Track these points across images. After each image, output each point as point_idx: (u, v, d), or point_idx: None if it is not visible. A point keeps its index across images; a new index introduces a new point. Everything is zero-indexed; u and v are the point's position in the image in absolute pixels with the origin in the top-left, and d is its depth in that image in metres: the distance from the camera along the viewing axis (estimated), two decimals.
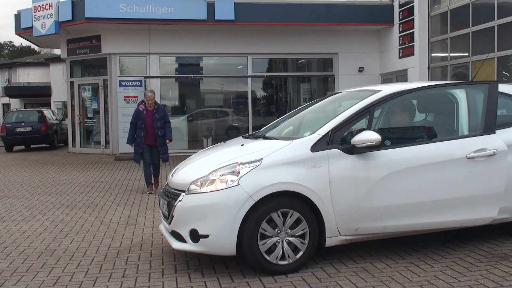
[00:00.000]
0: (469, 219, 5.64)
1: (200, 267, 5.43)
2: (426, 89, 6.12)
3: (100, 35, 18.00)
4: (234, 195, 4.94)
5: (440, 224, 5.59)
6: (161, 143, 10.43)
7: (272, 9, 17.30)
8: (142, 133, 10.29)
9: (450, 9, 15.28)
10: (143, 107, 10.36)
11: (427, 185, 5.42)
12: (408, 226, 5.48)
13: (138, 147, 10.36)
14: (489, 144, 5.60)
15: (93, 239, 6.73)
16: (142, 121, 10.28)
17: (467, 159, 5.51)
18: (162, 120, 10.42)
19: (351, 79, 18.41)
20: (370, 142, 5.16)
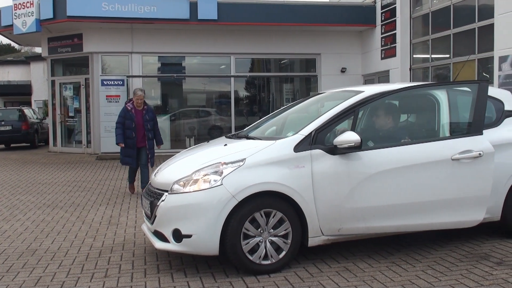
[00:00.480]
0: (455, 221, 5.62)
1: (183, 267, 5.42)
2: (410, 89, 6.07)
3: (81, 34, 17.87)
4: (217, 195, 4.94)
5: (425, 226, 5.60)
6: (151, 146, 9.89)
7: (255, 9, 17.31)
8: (133, 134, 9.71)
9: (432, 11, 15.41)
10: (131, 106, 9.80)
11: (411, 187, 5.40)
12: (392, 227, 5.49)
13: (131, 150, 9.75)
14: (475, 146, 5.54)
15: (75, 239, 6.68)
16: (131, 121, 9.70)
17: (451, 161, 5.47)
18: (152, 122, 9.95)
19: (333, 80, 18.49)
20: (350, 143, 5.16)
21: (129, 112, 9.75)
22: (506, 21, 11.70)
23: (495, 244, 5.96)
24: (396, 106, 6.31)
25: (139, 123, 9.77)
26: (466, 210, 5.57)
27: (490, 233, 6.30)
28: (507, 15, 11.67)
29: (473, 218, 5.64)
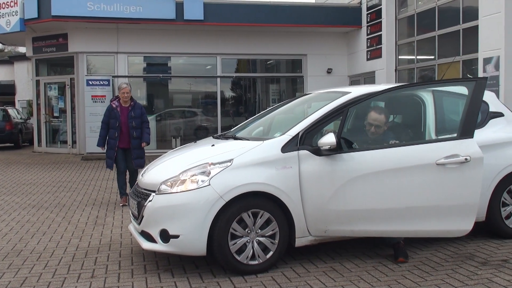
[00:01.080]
0: (441, 230, 5.36)
1: (170, 267, 5.41)
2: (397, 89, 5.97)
3: (67, 34, 17.75)
4: (205, 195, 4.93)
5: (410, 233, 5.41)
6: (136, 146, 8.94)
7: (241, 9, 17.32)
8: (115, 134, 8.86)
9: (417, 12, 15.51)
10: (117, 104, 8.94)
11: (395, 191, 5.21)
12: (377, 232, 5.38)
13: (111, 150, 8.91)
14: (462, 150, 5.19)
15: (61, 240, 6.64)
16: (116, 120, 8.85)
17: (436, 166, 5.18)
18: (139, 119, 8.98)
19: (319, 81, 18.55)
20: (326, 146, 5.15)
21: (114, 110, 8.91)
22: (490, 23, 11.82)
23: (480, 244, 6.02)
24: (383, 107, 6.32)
25: (125, 121, 8.90)
26: (453, 218, 5.26)
27: (475, 234, 6.34)
28: (491, 17, 11.78)
29: (461, 228, 5.30)
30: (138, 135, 8.99)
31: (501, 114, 6.37)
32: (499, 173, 6.06)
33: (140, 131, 9.01)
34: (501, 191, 6.09)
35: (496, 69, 11.54)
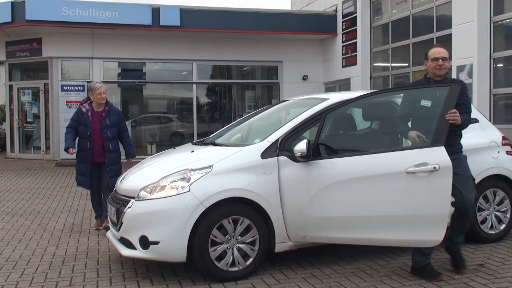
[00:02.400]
0: (413, 239, 5.11)
1: (149, 274, 5.38)
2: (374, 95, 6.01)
3: (41, 38, 17.54)
4: (185, 201, 4.92)
5: (383, 242, 5.32)
6: (112, 161, 7.37)
7: (217, 16, 17.33)
8: (87, 144, 7.30)
9: (392, 20, 15.70)
10: (88, 108, 7.41)
11: (367, 199, 5.11)
12: (351, 240, 5.32)
13: (83, 165, 7.38)
14: (431, 158, 4.93)
15: (37, 247, 6.55)
16: (86, 127, 7.31)
17: (406, 174, 4.98)
18: (115, 128, 7.45)
19: (295, 87, 18.63)
20: (298, 153, 5.16)
21: (84, 115, 7.37)
22: (463, 31, 12.03)
23: None
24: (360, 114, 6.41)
25: (97, 131, 7.35)
26: (424, 228, 5.01)
27: None
28: (464, 26, 11.99)
29: (432, 238, 5.01)
30: (115, 147, 7.45)
31: (475, 120, 6.46)
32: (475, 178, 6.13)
33: (117, 143, 7.49)
34: (477, 197, 6.17)
35: (469, 76, 11.73)
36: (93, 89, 7.36)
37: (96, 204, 7.56)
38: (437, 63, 5.24)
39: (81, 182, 7.44)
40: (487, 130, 6.66)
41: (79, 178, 7.47)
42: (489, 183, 6.34)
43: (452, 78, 5.35)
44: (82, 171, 7.40)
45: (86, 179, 7.35)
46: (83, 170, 7.38)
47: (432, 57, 5.29)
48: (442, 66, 5.24)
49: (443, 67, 5.25)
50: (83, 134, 7.34)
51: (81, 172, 7.42)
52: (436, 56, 5.26)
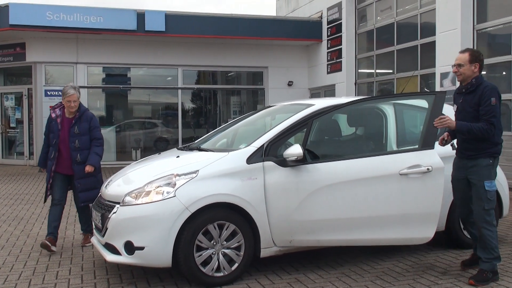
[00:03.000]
0: (404, 238, 5.51)
1: (134, 280, 5.35)
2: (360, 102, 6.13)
3: (24, 43, 17.40)
4: (170, 206, 4.91)
5: (373, 241, 5.57)
6: (81, 174, 6.61)
7: (203, 21, 17.33)
8: (52, 153, 6.72)
9: (376, 27, 15.82)
10: (59, 113, 6.74)
11: (358, 201, 5.33)
12: (341, 241, 5.51)
13: (47, 174, 6.83)
14: (424, 161, 5.37)
15: (20, 253, 6.49)
16: (53, 135, 6.70)
17: (399, 176, 5.33)
18: (86, 137, 6.69)
19: (280, 93, 18.69)
20: (293, 157, 5.20)
21: (53, 121, 6.73)
22: (447, 39, 12.15)
23: (439, 255, 6.15)
24: (346, 120, 6.47)
25: (64, 139, 6.66)
26: (415, 226, 5.43)
27: (435, 244, 6.47)
28: (448, 33, 12.11)
29: (423, 235, 5.47)
30: (84, 159, 6.62)
31: None
32: None
33: (87, 153, 6.66)
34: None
35: (453, 83, 11.83)
36: (64, 93, 6.60)
37: (53, 219, 6.67)
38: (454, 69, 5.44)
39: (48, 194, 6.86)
40: None
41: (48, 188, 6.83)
42: None
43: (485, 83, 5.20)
44: (47, 180, 6.83)
45: (46, 190, 6.84)
46: (47, 180, 6.80)
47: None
48: (457, 72, 5.36)
49: (458, 73, 5.33)
50: (50, 142, 6.76)
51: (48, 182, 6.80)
52: (454, 62, 5.41)
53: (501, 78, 11.55)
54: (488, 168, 5.19)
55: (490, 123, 5.07)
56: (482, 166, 5.19)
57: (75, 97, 6.57)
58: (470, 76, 5.29)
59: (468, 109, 5.25)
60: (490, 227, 5.19)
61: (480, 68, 5.33)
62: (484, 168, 5.18)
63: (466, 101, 5.30)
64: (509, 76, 11.14)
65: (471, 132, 5.11)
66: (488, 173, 5.19)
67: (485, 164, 5.18)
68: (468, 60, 5.27)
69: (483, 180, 5.17)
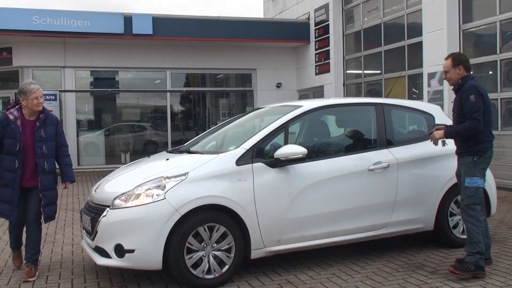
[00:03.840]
0: (371, 225, 5.94)
1: (124, 283, 5.35)
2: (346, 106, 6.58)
3: (11, 47, 17.31)
4: (160, 209, 4.91)
5: (350, 231, 5.82)
6: (48, 185, 5.72)
7: (190, 24, 17.33)
8: (15, 163, 5.57)
9: (363, 28, 15.89)
10: (17, 115, 5.67)
11: (338, 196, 5.72)
12: (323, 234, 5.68)
13: (7, 190, 5.61)
14: (383, 157, 6.01)
15: (9, 258, 6.43)
16: (15, 141, 5.56)
17: (368, 171, 5.88)
18: (52, 142, 5.76)
19: (269, 95, 18.70)
20: (297, 155, 5.31)
21: (11, 124, 5.61)
22: (433, 39, 12.23)
23: (429, 254, 6.18)
24: (332, 120, 6.59)
25: (28, 144, 5.64)
26: (378, 214, 5.94)
27: (424, 243, 6.52)
28: (434, 33, 12.20)
29: (383, 221, 5.98)
30: (52, 167, 5.75)
31: None
32: (446, 184, 6.26)
33: (53, 162, 5.79)
34: (448, 201, 6.30)
35: (440, 83, 11.92)
36: (26, 91, 5.59)
37: (16, 239, 5.96)
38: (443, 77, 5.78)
39: (3, 212, 5.66)
40: None
41: (1, 207, 5.67)
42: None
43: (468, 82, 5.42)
44: (6, 198, 5.61)
45: (11, 209, 5.59)
46: (8, 197, 5.59)
47: None
48: (446, 79, 5.68)
49: (447, 79, 5.65)
50: (10, 149, 5.58)
51: (5, 199, 5.62)
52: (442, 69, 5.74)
53: (487, 78, 11.65)
54: (469, 165, 5.40)
55: (473, 118, 5.27)
56: (465, 163, 5.44)
57: (40, 92, 5.65)
58: (457, 79, 5.56)
59: (456, 108, 5.56)
60: (473, 221, 5.36)
61: (466, 69, 5.55)
62: (467, 165, 5.42)
63: (456, 101, 5.59)
64: (495, 75, 11.23)
65: (459, 133, 5.43)
66: (469, 170, 5.39)
67: (468, 162, 5.41)
68: (451, 65, 5.57)
69: (465, 176, 5.42)
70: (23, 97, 5.61)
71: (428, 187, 6.17)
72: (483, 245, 5.35)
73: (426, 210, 6.18)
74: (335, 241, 5.79)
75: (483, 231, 5.40)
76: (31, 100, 5.59)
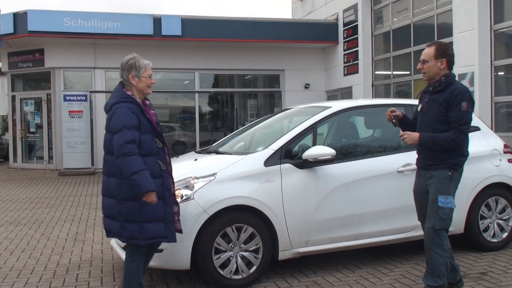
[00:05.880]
0: (400, 227, 5.86)
1: (153, 283, 5.39)
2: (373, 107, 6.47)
3: (43, 49, 17.62)
4: (188, 209, 4.94)
5: (378, 233, 5.77)
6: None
7: (219, 25, 17.41)
8: (158, 165, 4.43)
9: (393, 29, 15.76)
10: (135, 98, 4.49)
11: (367, 198, 5.66)
12: (351, 236, 5.64)
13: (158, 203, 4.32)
14: (413, 159, 5.34)
15: (41, 256, 6.56)
16: (152, 136, 4.50)
17: (397, 173, 5.81)
18: None
19: (297, 96, 18.67)
20: (325, 156, 5.29)
21: (143, 114, 4.46)
22: (464, 39, 12.07)
23: (459, 257, 6.07)
24: (361, 121, 6.53)
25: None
26: (407, 216, 5.73)
27: (453, 247, 6.36)
28: (465, 34, 12.03)
29: (412, 223, 5.74)
30: None
31: (477, 128, 6.52)
32: (477, 187, 6.17)
33: None
34: (479, 204, 6.21)
35: (470, 84, 11.76)
36: (139, 67, 4.54)
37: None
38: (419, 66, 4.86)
39: (159, 233, 4.37)
40: (489, 138, 6.69)
41: (154, 229, 4.33)
42: (491, 191, 6.33)
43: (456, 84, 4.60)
44: (158, 215, 4.35)
45: (166, 226, 4.40)
46: (160, 213, 4.36)
47: None
48: (421, 69, 4.80)
49: (423, 70, 4.77)
50: (150, 149, 4.41)
51: (156, 216, 4.34)
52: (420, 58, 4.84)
53: None
54: (445, 181, 4.59)
55: (460, 131, 4.49)
56: (439, 179, 4.61)
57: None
58: (437, 74, 4.68)
59: (435, 110, 4.64)
60: (439, 250, 4.58)
61: (449, 64, 4.70)
62: (442, 181, 4.60)
63: (433, 101, 4.67)
64: None
65: (437, 143, 4.54)
66: (444, 187, 4.59)
67: (443, 177, 4.60)
68: (433, 55, 4.67)
69: (438, 194, 4.59)
70: (134, 74, 4.52)
71: (460, 189, 6.04)
72: (446, 279, 4.63)
73: (456, 213, 6.01)
74: (363, 243, 5.75)
75: (447, 262, 4.65)
76: (145, 78, 4.54)
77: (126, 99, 4.40)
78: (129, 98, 4.41)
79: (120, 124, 4.24)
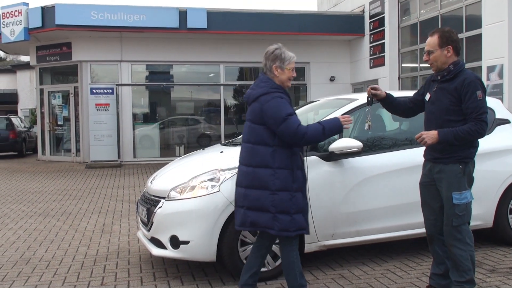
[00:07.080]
0: None
1: (179, 274, 5.42)
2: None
3: (70, 42, 17.82)
4: (215, 201, 4.95)
5: (405, 227, 5.68)
6: None
7: (244, 18, 17.39)
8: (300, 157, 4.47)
9: (420, 20, 15.57)
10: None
11: (393, 190, 5.59)
12: (378, 229, 5.58)
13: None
14: None
15: (69, 247, 6.64)
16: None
17: None
18: None
19: (322, 88, 18.60)
20: (352, 149, 5.24)
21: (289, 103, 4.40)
22: (493, 31, 11.87)
23: (487, 252, 6.01)
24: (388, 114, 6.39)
25: None
26: None
27: (482, 241, 6.34)
28: (494, 26, 11.83)
29: None
30: None
31: (507, 121, 6.41)
32: (506, 180, 6.06)
33: None
34: (508, 198, 6.10)
35: (500, 77, 11.57)
36: (284, 58, 4.61)
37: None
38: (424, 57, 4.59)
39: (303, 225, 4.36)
40: None
41: (300, 220, 4.32)
42: None
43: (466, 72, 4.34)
44: (303, 206, 4.35)
45: (305, 219, 4.38)
46: (304, 204, 4.38)
47: None
48: (428, 61, 4.54)
49: (430, 62, 4.52)
50: None
51: (301, 207, 4.33)
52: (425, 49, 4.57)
53: None
54: (457, 176, 4.33)
55: (481, 120, 4.24)
56: (450, 174, 4.36)
57: None
58: (445, 63, 4.41)
59: (444, 100, 4.39)
60: (461, 245, 4.36)
61: (455, 50, 4.43)
62: (454, 176, 4.34)
63: (442, 90, 4.43)
64: None
65: (458, 138, 4.25)
66: (457, 183, 4.33)
67: (455, 172, 4.34)
68: (437, 43, 4.40)
69: (451, 191, 4.33)
70: (278, 64, 4.52)
71: (487, 183, 5.92)
72: (473, 273, 4.42)
73: (485, 207, 5.98)
74: (390, 236, 5.69)
75: (472, 255, 4.42)
76: (288, 71, 4.50)
77: (278, 89, 4.36)
78: (280, 89, 4.38)
79: (284, 112, 4.21)
